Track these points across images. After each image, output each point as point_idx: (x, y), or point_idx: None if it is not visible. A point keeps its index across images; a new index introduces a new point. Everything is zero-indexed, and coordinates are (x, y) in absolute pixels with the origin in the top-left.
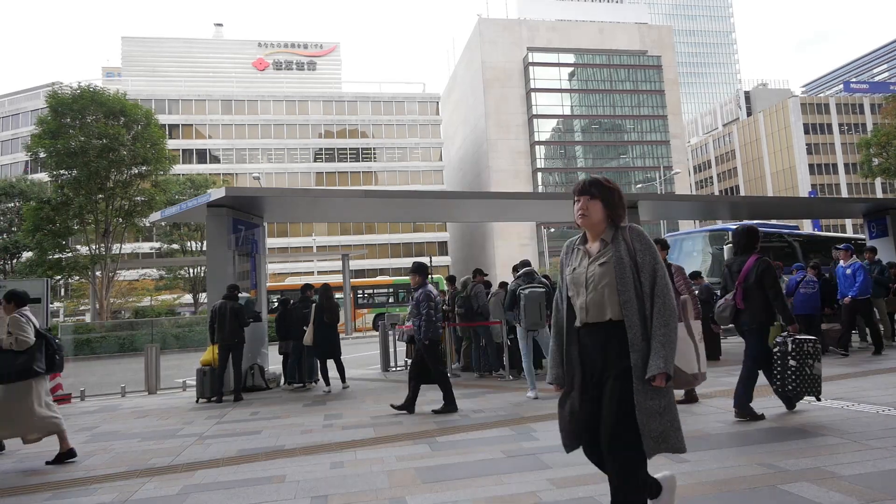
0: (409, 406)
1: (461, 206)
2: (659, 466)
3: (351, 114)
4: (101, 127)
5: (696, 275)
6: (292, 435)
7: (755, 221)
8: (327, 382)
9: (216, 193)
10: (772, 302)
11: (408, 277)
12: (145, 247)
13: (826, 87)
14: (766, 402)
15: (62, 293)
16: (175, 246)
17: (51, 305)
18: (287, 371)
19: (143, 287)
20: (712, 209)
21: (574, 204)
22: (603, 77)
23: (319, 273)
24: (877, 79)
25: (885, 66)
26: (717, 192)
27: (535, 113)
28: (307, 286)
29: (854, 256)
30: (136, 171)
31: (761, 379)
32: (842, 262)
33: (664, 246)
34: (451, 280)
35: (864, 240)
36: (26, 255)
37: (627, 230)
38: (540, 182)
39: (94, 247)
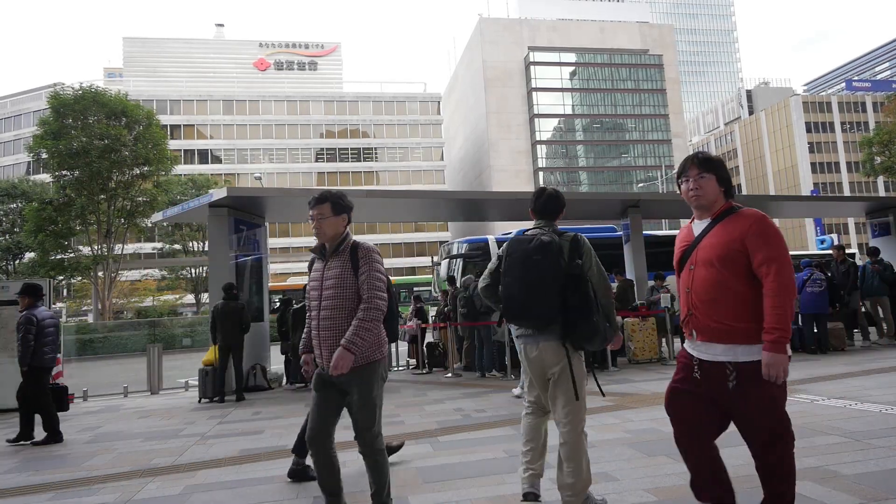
0: None
1: (462, 206)
2: (660, 465)
3: (352, 114)
4: (102, 127)
5: None
6: (294, 435)
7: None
8: None
9: (218, 194)
10: None
11: (409, 277)
12: (147, 247)
13: (828, 85)
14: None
15: (64, 294)
16: (177, 246)
17: (53, 306)
18: (289, 371)
19: (145, 287)
20: None
21: None
22: (604, 76)
23: None
24: (879, 77)
25: (887, 64)
26: None
27: (536, 112)
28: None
29: None
30: (138, 172)
31: None
32: None
33: None
34: (451, 280)
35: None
36: (28, 255)
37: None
38: (541, 182)
39: (96, 247)
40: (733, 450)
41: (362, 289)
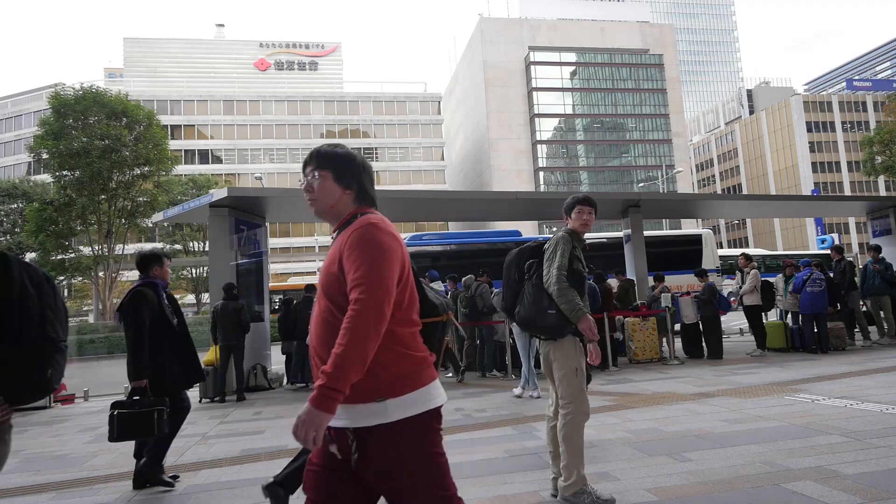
0: None
1: (463, 206)
2: (661, 464)
3: (352, 114)
4: (103, 128)
5: (702, 273)
6: (287, 436)
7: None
8: None
9: (218, 194)
10: None
11: None
12: (148, 247)
13: (828, 84)
14: (771, 400)
15: (65, 294)
16: (178, 246)
17: None
18: (290, 371)
19: None
20: (714, 208)
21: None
22: (604, 76)
23: None
24: (880, 76)
25: (888, 63)
26: (719, 191)
27: (536, 112)
28: (310, 286)
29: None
30: (139, 172)
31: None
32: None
33: None
34: (452, 279)
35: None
36: (29, 255)
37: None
38: (542, 181)
39: (96, 247)
40: (732, 450)
41: None
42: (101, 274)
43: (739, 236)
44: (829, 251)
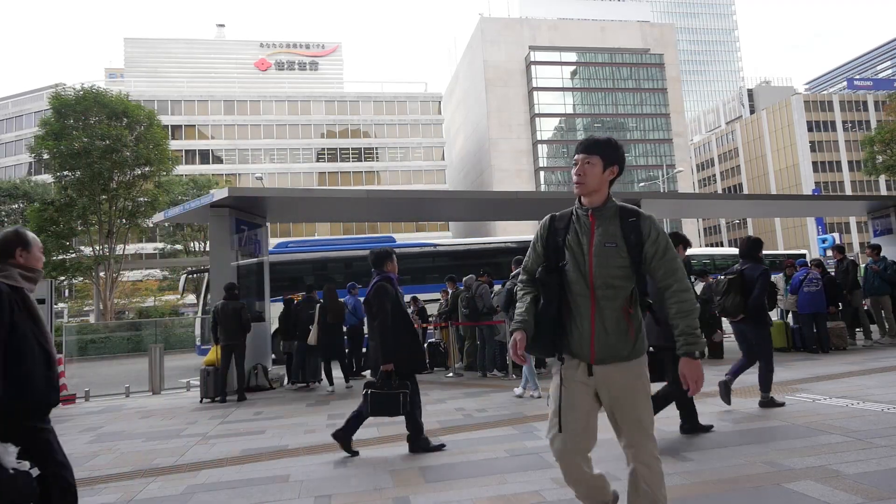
0: None
1: (463, 206)
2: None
3: (353, 114)
4: (104, 128)
5: (702, 272)
6: (296, 435)
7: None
8: (331, 382)
9: (219, 194)
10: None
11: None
12: (149, 247)
13: (829, 84)
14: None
15: (66, 294)
16: (178, 246)
17: (55, 306)
18: (291, 371)
19: (146, 287)
20: (715, 207)
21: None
22: (605, 76)
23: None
24: (881, 76)
25: (888, 62)
26: (720, 191)
27: (537, 112)
28: (311, 286)
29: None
30: (139, 172)
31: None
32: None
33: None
34: (451, 279)
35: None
36: None
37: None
38: (542, 181)
39: (97, 248)
40: (732, 450)
41: None
42: (101, 274)
43: (740, 236)
44: (813, 253)
